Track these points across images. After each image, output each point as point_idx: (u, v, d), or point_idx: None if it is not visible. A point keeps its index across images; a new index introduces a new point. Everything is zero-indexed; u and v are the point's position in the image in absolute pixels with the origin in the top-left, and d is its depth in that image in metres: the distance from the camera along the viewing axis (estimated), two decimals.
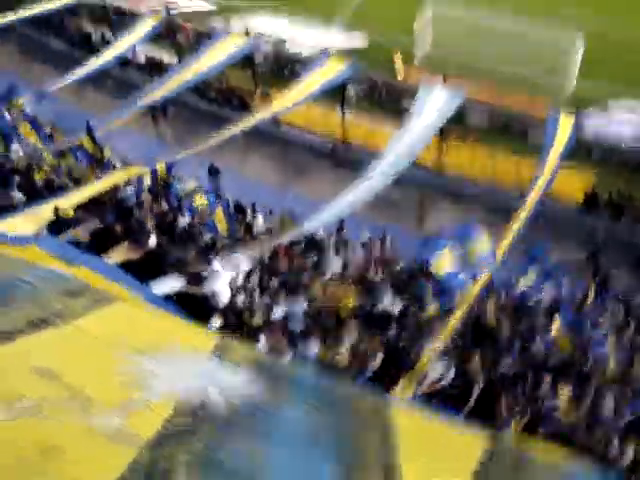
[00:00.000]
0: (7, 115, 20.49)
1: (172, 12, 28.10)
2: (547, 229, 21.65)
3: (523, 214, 16.62)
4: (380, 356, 12.09)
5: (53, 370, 1.34)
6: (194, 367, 1.43)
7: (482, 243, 13.80)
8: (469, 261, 13.80)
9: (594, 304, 15.47)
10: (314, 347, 12.72)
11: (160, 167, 17.52)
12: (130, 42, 27.62)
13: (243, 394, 1.57)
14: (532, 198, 17.34)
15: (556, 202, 21.73)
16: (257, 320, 13.32)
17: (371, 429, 3.06)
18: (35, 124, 19.43)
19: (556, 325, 13.51)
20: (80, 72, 25.91)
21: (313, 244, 19.37)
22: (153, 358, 1.41)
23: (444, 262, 14.32)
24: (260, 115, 22.83)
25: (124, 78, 29.84)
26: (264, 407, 1.67)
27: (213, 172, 23.51)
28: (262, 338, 12.14)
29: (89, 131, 19.25)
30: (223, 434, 1.63)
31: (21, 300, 1.55)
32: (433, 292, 14.68)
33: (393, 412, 3.97)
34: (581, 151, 23.36)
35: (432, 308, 14.11)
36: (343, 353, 12.49)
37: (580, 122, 21.11)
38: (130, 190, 16.39)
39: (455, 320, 13.04)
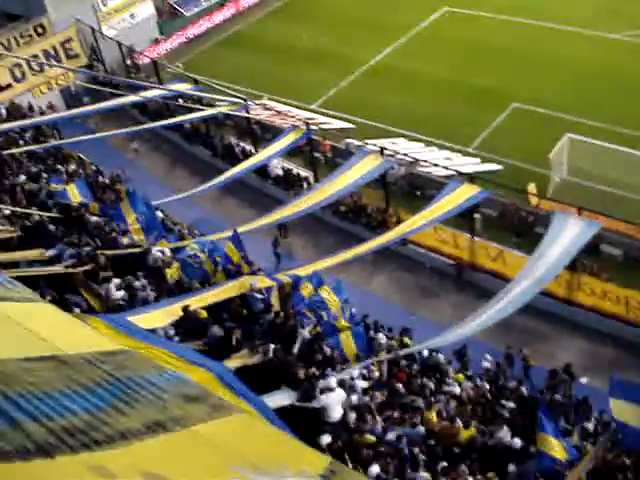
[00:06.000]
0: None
1: (312, 128, 29.25)
2: None
3: None
4: None
5: (164, 477, 1.33)
6: None
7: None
8: None
9: None
10: (424, 474, 12.30)
11: (286, 281, 17.87)
12: (269, 155, 28.87)
13: None
14: None
15: None
16: (368, 440, 13.04)
17: None
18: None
19: None
20: (219, 180, 27.20)
21: (433, 367, 19.06)
22: (263, 474, 1.39)
23: None
24: (390, 235, 23.05)
25: (262, 189, 31.05)
26: None
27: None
28: (375, 466, 11.86)
29: (235, 240, 19.88)
30: None
31: (143, 401, 1.58)
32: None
33: None
34: None
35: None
36: None
37: None
38: (257, 298, 16.72)
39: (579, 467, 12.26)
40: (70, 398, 1.50)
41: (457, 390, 17.71)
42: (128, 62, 39.67)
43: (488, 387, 18.74)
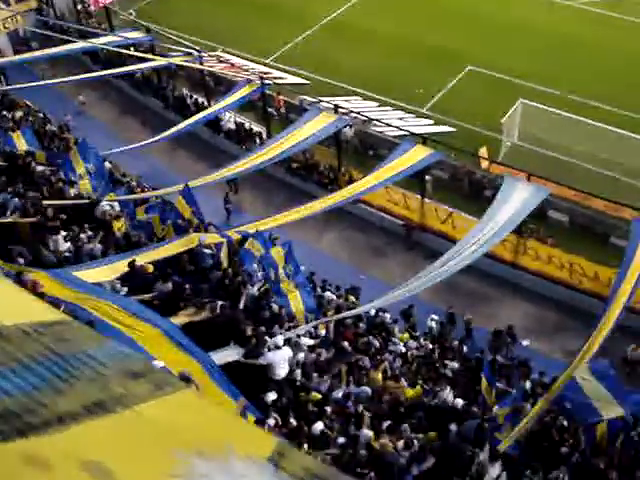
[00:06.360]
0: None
1: (266, 83, 28.88)
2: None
3: (606, 325, 15.88)
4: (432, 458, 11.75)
5: (105, 466, 1.25)
6: (248, 475, 1.34)
7: None
8: None
9: None
10: (368, 432, 12.48)
11: (236, 238, 17.76)
12: (222, 108, 28.50)
13: None
14: (614, 307, 16.66)
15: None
16: (314, 397, 13.18)
17: None
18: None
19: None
20: (170, 132, 26.77)
21: (379, 326, 19.25)
22: (209, 461, 1.33)
23: None
24: (342, 194, 23.02)
25: (214, 143, 30.68)
26: None
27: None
28: (319, 423, 11.99)
29: (187, 195, 19.46)
30: None
31: (83, 379, 1.49)
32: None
33: None
34: None
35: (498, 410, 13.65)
36: (395, 444, 12.18)
37: None
38: (206, 254, 16.61)
39: (520, 429, 12.52)
40: (5, 377, 1.42)
41: (403, 349, 17.97)
42: (79, 7, 38.49)
43: (432, 347, 19.06)
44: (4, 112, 26.61)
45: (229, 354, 12.69)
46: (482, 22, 35.49)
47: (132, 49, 32.09)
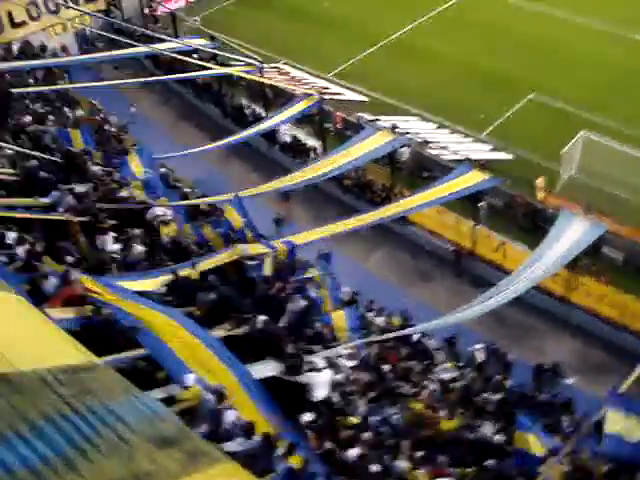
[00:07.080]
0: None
1: (325, 98, 28.77)
2: None
3: None
4: None
5: None
6: None
7: None
8: None
9: None
10: (403, 464, 12.21)
11: (281, 248, 17.62)
12: (279, 120, 28.49)
13: None
14: None
15: None
16: (351, 422, 12.94)
17: None
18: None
19: None
20: (227, 141, 26.90)
21: (422, 352, 18.92)
22: None
23: None
24: (390, 210, 22.75)
25: (269, 155, 30.70)
26: None
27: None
28: (354, 449, 11.74)
29: (237, 205, 19.36)
30: None
31: (104, 448, 1.31)
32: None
33: None
34: None
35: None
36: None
37: None
38: (251, 265, 16.49)
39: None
40: (9, 444, 1.19)
41: (445, 377, 17.57)
42: (146, 11, 38.98)
43: (474, 377, 18.60)
44: (65, 109, 26.96)
45: (269, 368, 12.53)
46: (549, 51, 34.79)
47: (195, 56, 32.27)
